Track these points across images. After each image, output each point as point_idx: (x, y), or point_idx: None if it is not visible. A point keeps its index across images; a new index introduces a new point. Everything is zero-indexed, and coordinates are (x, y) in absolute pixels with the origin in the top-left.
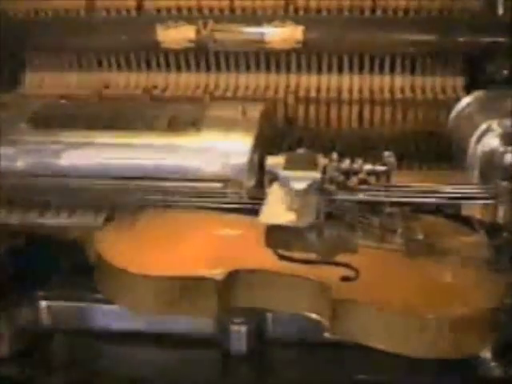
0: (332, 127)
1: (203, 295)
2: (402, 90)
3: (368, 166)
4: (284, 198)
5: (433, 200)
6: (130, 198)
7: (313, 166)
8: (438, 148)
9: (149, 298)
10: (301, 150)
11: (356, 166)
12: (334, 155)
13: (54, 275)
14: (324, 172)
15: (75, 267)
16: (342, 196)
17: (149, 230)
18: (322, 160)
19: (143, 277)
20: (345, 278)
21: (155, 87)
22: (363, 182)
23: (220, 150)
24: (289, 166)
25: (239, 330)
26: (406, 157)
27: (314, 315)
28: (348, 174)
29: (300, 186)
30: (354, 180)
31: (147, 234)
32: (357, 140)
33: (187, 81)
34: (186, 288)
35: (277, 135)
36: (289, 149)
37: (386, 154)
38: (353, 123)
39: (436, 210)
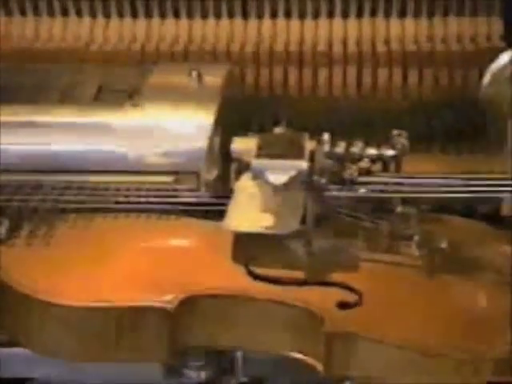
0: (320, 96)
1: (149, 331)
2: (416, 41)
3: (372, 151)
4: (257, 195)
5: (460, 195)
6: (43, 199)
7: (297, 151)
8: (467, 124)
9: (72, 337)
10: (279, 130)
11: (355, 150)
12: (326, 136)
13: None
14: (312, 159)
15: None
16: (337, 192)
17: (70, 243)
18: (308, 143)
19: (64, 308)
20: (343, 304)
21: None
22: (366, 172)
23: (168, 130)
24: (264, 151)
25: (197, 377)
26: (423, 136)
27: (301, 356)
28: (344, 161)
29: (280, 179)
30: (353, 170)
31: (68, 250)
32: (354, 113)
33: (120, 31)
34: (125, 322)
35: (244, 109)
36: (260, 128)
37: (396, 132)
38: (348, 89)
39: (465, 209)
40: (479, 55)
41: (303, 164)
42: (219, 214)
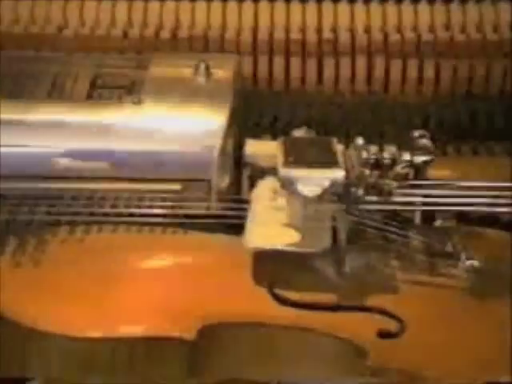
0: (325, 91)
1: (164, 365)
2: (432, 29)
3: (407, 156)
4: (280, 207)
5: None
6: (32, 210)
7: (329, 158)
8: (487, 122)
9: (73, 373)
10: (300, 132)
11: (387, 155)
12: (360, 140)
13: None
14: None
15: None
16: (376, 205)
17: (66, 262)
18: (339, 148)
19: (66, 339)
20: (385, 333)
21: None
22: (402, 178)
23: (175, 131)
24: (292, 158)
25: None
26: (440, 135)
27: None
28: (381, 169)
29: (313, 191)
30: (389, 178)
31: (64, 270)
32: (363, 109)
33: (98, 14)
34: (137, 355)
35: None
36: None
37: (418, 133)
38: (357, 84)
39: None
40: (502, 45)
41: (339, 173)
42: (233, 228)
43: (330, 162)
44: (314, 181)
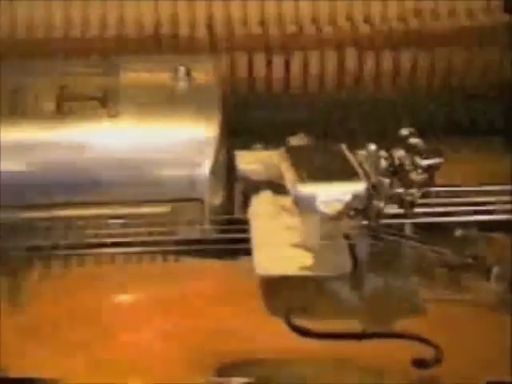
0: (293, 88)
1: None
2: (402, 18)
3: (422, 160)
4: (286, 226)
5: None
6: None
7: (345, 168)
8: (466, 115)
9: None
10: (298, 140)
11: (396, 159)
12: (372, 146)
13: None
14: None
15: None
16: (402, 219)
17: (52, 304)
18: (350, 156)
19: None
20: (420, 363)
21: None
22: (421, 186)
23: (160, 147)
24: (304, 171)
25: None
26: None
27: None
28: (400, 177)
29: (334, 206)
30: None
31: (54, 314)
32: (335, 108)
33: (31, 13)
34: None
35: None
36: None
37: (406, 131)
38: (328, 81)
39: None
40: (479, 32)
41: (361, 186)
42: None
43: (348, 173)
44: (333, 196)
